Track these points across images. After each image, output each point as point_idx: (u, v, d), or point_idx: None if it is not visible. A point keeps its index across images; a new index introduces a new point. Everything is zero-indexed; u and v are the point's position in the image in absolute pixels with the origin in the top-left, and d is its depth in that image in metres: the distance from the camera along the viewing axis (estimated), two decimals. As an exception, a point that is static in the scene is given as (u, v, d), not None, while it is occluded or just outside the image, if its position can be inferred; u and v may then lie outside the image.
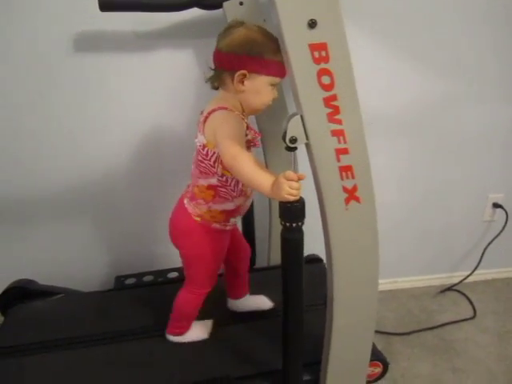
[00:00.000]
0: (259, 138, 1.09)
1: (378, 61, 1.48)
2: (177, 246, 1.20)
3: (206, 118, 1.03)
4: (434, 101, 1.58)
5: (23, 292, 1.49)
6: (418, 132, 1.62)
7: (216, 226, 1.15)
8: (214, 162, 1.04)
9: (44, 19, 1.32)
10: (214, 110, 1.02)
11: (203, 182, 1.10)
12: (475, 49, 1.52)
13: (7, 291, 1.49)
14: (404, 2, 1.42)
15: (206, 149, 1.04)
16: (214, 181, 1.08)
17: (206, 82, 1.09)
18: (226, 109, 1.02)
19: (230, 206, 1.12)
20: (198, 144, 1.06)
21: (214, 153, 1.03)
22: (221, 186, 1.08)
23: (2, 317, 1.48)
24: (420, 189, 1.73)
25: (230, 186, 1.08)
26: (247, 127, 1.05)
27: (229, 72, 1.01)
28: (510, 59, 1.56)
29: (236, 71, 0.99)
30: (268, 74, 1.00)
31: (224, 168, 1.04)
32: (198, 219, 1.14)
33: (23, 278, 1.54)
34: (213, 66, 1.06)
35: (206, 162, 1.06)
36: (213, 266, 1.20)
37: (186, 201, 1.16)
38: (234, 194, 1.10)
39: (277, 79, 1.02)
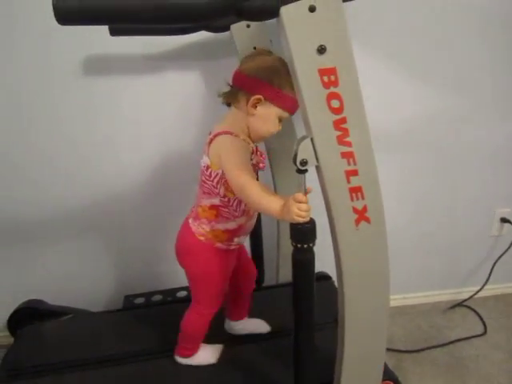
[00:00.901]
0: (264, 160, 1.10)
1: (379, 77, 1.49)
2: (182, 265, 1.21)
3: (211, 140, 1.04)
4: (439, 116, 1.59)
5: (33, 313, 1.50)
6: (424, 147, 1.63)
7: (219, 245, 1.15)
8: (217, 183, 1.06)
9: (56, 42, 1.35)
10: (219, 134, 1.03)
11: (206, 202, 1.11)
12: (478, 64, 1.54)
13: (17, 312, 1.49)
14: (406, 22, 1.45)
15: (209, 170, 1.05)
16: (216, 201, 1.09)
17: (219, 96, 1.10)
18: (231, 134, 1.03)
19: (232, 225, 1.13)
20: (203, 165, 1.08)
21: (217, 174, 1.04)
22: (223, 206, 1.09)
23: (11, 338, 1.48)
24: (426, 204, 1.73)
25: (232, 206, 1.09)
26: (253, 151, 1.06)
27: (246, 93, 1.03)
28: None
29: (253, 94, 1.01)
30: (281, 106, 1.02)
31: (227, 189, 1.05)
32: (202, 238, 1.14)
33: (32, 298, 1.55)
34: (231, 83, 1.07)
35: (208, 182, 1.07)
36: (218, 285, 1.19)
37: (190, 220, 1.17)
38: (236, 214, 1.11)
39: (286, 114, 1.04)
